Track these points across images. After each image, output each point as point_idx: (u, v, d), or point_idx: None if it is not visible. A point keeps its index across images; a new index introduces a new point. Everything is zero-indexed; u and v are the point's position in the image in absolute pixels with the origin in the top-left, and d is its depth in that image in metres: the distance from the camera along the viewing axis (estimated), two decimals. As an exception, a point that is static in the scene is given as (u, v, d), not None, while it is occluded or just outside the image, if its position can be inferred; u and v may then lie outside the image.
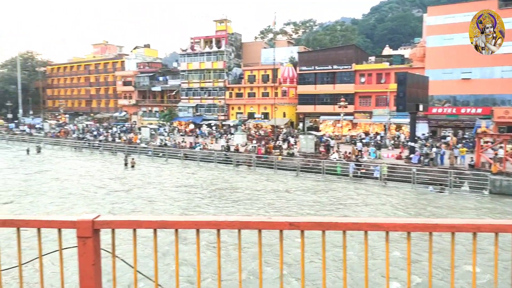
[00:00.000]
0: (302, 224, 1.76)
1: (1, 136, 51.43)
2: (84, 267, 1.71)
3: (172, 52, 79.76)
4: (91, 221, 1.71)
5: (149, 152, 34.79)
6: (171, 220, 1.77)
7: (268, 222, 1.77)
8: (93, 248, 1.74)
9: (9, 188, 22.00)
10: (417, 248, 10.18)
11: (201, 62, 53.94)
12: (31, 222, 1.72)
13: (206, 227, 1.79)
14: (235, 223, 1.77)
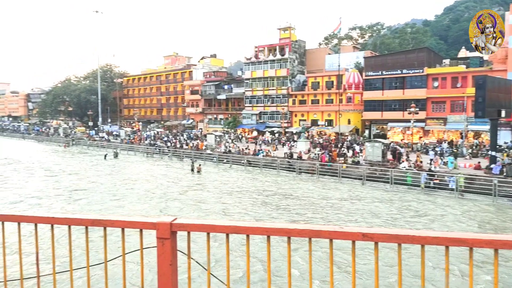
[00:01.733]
0: (377, 235, 1.68)
1: (83, 142, 56.53)
2: (162, 267, 1.80)
3: (237, 61, 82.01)
4: (169, 224, 1.80)
5: (214, 159, 35.93)
6: (243, 226, 1.80)
7: (340, 232, 1.71)
8: (171, 249, 1.82)
9: (84, 187, 24.08)
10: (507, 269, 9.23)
11: (265, 70, 54.67)
12: (116, 222, 1.85)
13: (276, 234, 1.79)
14: (306, 231, 1.74)
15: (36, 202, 20.65)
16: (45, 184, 25.87)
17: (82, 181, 27.08)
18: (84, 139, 58.25)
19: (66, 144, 54.75)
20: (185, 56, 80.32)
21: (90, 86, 76.40)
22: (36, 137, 67.10)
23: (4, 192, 23.11)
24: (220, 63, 72.93)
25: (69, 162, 38.28)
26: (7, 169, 32.75)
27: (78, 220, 1.85)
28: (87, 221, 1.85)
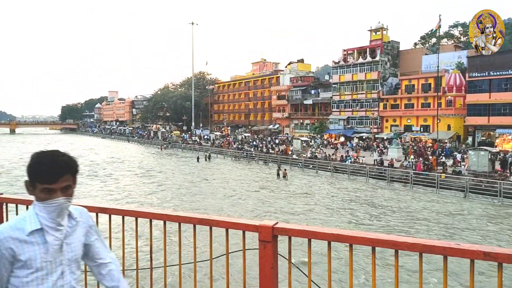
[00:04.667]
0: (501, 255, 1.48)
1: (177, 145, 60.95)
2: (263, 269, 1.82)
3: (324, 65, 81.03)
4: (271, 227, 1.81)
5: (300, 164, 35.83)
6: (346, 235, 1.72)
7: (457, 248, 1.54)
8: (272, 253, 1.83)
9: (183, 187, 25.85)
10: None
11: (354, 73, 53.00)
12: (221, 222, 1.92)
13: (382, 245, 1.68)
14: (417, 246, 1.60)
15: (142, 200, 22.82)
16: (152, 182, 28.46)
17: (182, 181, 29.20)
18: (179, 142, 62.75)
19: (163, 146, 59.63)
20: (272, 62, 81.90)
21: (185, 93, 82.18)
22: (138, 140, 74.32)
23: (109, 187, 26.02)
24: (307, 68, 72.77)
25: (167, 163, 41.60)
26: (113, 167, 36.83)
27: (188, 218, 1.97)
28: (195, 219, 1.95)
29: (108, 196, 23.31)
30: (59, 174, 1.43)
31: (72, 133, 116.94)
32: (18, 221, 1.44)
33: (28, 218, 1.44)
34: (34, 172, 1.42)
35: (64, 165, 1.45)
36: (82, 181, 29.24)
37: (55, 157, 1.45)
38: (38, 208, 1.44)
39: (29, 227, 1.41)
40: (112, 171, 34.48)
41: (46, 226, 1.43)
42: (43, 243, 1.42)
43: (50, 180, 1.41)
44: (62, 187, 1.43)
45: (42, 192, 1.42)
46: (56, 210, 1.44)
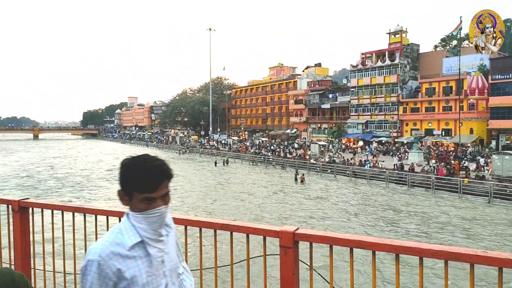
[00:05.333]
0: (533, 264, 1.43)
1: (195, 150, 61.47)
2: (285, 275, 1.81)
3: (342, 69, 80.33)
4: (292, 233, 1.79)
5: (318, 168, 35.56)
6: (369, 241, 1.69)
7: (484, 256, 1.49)
8: (293, 258, 1.82)
9: (201, 191, 26.02)
10: None
11: (373, 77, 52.41)
12: (242, 228, 1.91)
13: (406, 253, 1.64)
14: (442, 253, 1.56)
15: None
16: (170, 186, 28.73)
17: (200, 185, 29.42)
18: (197, 147, 63.31)
19: (181, 151, 60.25)
20: (289, 67, 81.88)
21: (203, 98, 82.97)
22: (157, 145, 75.35)
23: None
24: (324, 72, 72.41)
25: (185, 167, 41.98)
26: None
27: (209, 223, 1.97)
28: (216, 224, 1.95)
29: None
30: (159, 182, 1.32)
31: (93, 139, 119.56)
32: (114, 236, 1.31)
33: (125, 231, 1.32)
34: (132, 180, 1.30)
35: (163, 172, 1.33)
36: (103, 184, 29.82)
37: (152, 163, 1.32)
38: (136, 219, 1.32)
39: (129, 241, 1.30)
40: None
41: (147, 238, 1.32)
42: (145, 256, 1.32)
43: (151, 189, 1.30)
44: (162, 195, 1.33)
45: (141, 202, 1.30)
46: (158, 220, 1.33)
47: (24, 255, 2.49)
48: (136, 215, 1.32)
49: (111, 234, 1.32)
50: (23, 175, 34.89)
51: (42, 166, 42.55)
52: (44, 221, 2.48)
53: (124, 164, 1.34)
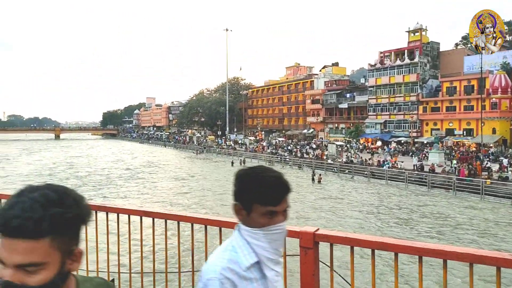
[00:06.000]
0: None
1: (212, 150, 61.85)
2: (305, 276, 1.79)
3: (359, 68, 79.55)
4: (313, 233, 1.77)
5: (335, 168, 35.25)
6: (391, 243, 1.65)
7: (511, 259, 1.45)
8: (314, 259, 1.79)
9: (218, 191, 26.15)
10: None
11: (391, 76, 51.63)
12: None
13: (429, 255, 1.60)
14: (467, 256, 1.50)
15: (180, 202, 23.32)
16: (188, 186, 29.05)
17: (217, 184, 29.60)
18: (213, 147, 63.69)
19: (198, 151, 60.73)
20: (306, 66, 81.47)
21: (219, 98, 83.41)
22: (174, 145, 76.17)
23: (146, 189, 26.79)
24: (342, 72, 71.75)
25: (202, 167, 42.31)
26: (150, 171, 37.90)
27: (229, 223, 1.96)
28: (230, 223, 1.94)
29: (145, 198, 23.99)
30: (283, 194, 1.21)
31: (112, 139, 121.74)
32: (229, 253, 1.18)
33: (239, 249, 1.19)
34: (254, 192, 1.18)
35: (285, 184, 1.23)
36: (122, 183, 30.35)
37: (273, 174, 1.23)
38: (254, 236, 1.19)
39: (246, 261, 1.17)
40: (148, 174, 35.52)
41: (265, 259, 1.18)
42: (261, 279, 1.18)
43: (275, 201, 1.18)
44: (283, 210, 1.21)
45: (263, 217, 1.18)
46: (280, 237, 1.21)
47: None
48: (254, 231, 1.19)
49: (224, 251, 1.20)
50: (46, 174, 35.84)
51: (64, 165, 43.61)
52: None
53: (243, 174, 1.24)
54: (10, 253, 0.74)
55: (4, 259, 0.74)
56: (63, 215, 0.77)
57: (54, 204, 0.77)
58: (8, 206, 0.76)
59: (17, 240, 0.74)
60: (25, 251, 0.74)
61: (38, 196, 0.77)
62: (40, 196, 0.77)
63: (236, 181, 1.25)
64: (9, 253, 0.74)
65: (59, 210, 0.77)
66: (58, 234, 0.77)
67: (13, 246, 0.74)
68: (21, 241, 0.74)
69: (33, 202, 0.76)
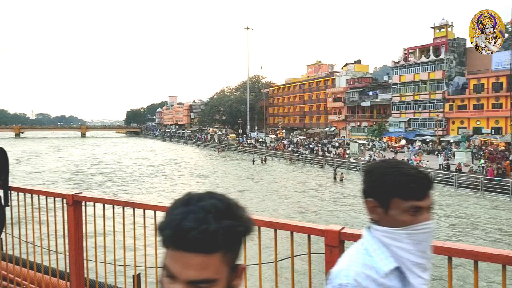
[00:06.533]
0: None
1: (233, 148, 62.16)
2: (330, 274, 1.79)
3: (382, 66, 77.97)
4: (338, 232, 1.76)
5: (357, 167, 34.79)
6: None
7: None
8: (339, 258, 1.80)
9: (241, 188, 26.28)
10: None
11: (416, 73, 50.46)
12: (286, 225, 1.89)
13: (460, 255, 1.56)
14: (499, 257, 1.47)
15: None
16: (211, 183, 29.36)
17: (240, 182, 29.76)
18: (234, 145, 63.99)
19: (219, 149, 61.16)
20: (328, 64, 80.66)
21: (240, 96, 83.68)
22: (196, 143, 76.99)
23: (168, 186, 27.21)
24: (364, 69, 70.64)
25: (224, 165, 42.60)
26: (173, 168, 38.45)
27: (255, 220, 1.99)
28: (260, 222, 1.95)
29: (165, 195, 24.37)
30: (427, 187, 1.05)
31: (135, 136, 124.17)
32: (362, 257, 1.05)
33: (374, 252, 1.05)
34: (394, 185, 1.03)
35: (428, 176, 1.07)
36: (145, 180, 30.95)
37: (410, 166, 1.09)
38: (393, 237, 1.04)
39: (384, 266, 1.03)
40: (171, 172, 36.05)
41: (410, 263, 1.02)
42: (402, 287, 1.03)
43: (420, 194, 1.03)
44: (428, 206, 1.05)
45: (405, 213, 1.03)
46: (428, 238, 1.04)
47: (77, 246, 2.62)
48: (395, 232, 1.03)
49: (357, 254, 1.07)
50: (73, 170, 36.95)
51: (90, 162, 44.83)
52: (95, 214, 2.60)
53: (377, 167, 1.11)
54: (183, 268, 0.67)
55: (176, 274, 0.67)
56: (236, 228, 0.70)
57: (224, 215, 0.70)
58: (179, 216, 0.68)
59: (192, 254, 0.66)
60: (200, 267, 0.67)
61: (208, 206, 0.69)
62: (210, 206, 0.69)
63: (368, 174, 1.12)
64: (183, 268, 0.67)
65: (232, 223, 0.69)
66: (229, 249, 0.70)
67: (187, 261, 0.67)
68: (196, 256, 0.67)
69: (206, 213, 0.68)
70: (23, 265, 2.97)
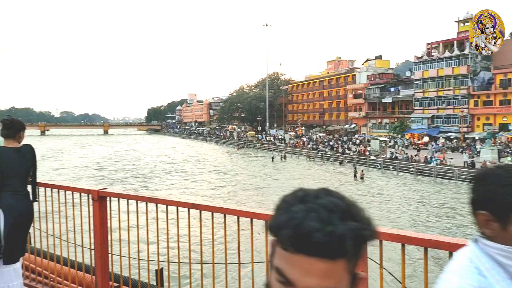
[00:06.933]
0: None
1: (252, 145, 62.25)
2: (354, 273, 1.76)
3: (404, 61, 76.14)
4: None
5: (378, 165, 34.27)
6: (446, 241, 1.58)
7: None
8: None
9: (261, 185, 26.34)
10: None
11: (439, 68, 49.20)
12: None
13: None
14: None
15: (224, 196, 23.78)
16: (230, 180, 29.55)
17: (259, 179, 29.82)
18: (254, 142, 64.07)
19: (238, 146, 61.37)
20: (348, 60, 79.54)
21: (259, 94, 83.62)
22: (215, 140, 77.53)
23: (188, 182, 27.50)
24: (385, 65, 69.34)
25: (243, 162, 42.76)
26: (193, 164, 38.84)
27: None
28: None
29: (184, 190, 24.65)
30: None
31: (156, 134, 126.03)
32: (471, 276, 0.90)
33: (488, 273, 0.90)
34: None
35: None
36: (165, 176, 31.41)
37: None
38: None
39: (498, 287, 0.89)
40: (190, 168, 36.44)
41: None
42: None
43: None
44: None
45: None
46: None
47: (103, 241, 2.68)
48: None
49: (467, 273, 0.92)
50: (97, 166, 37.86)
51: (113, 158, 45.81)
52: (119, 210, 2.64)
53: (492, 174, 0.96)
54: (304, 274, 0.58)
55: (294, 280, 0.58)
56: (362, 232, 0.60)
57: (349, 216, 0.60)
58: (299, 214, 0.58)
59: (315, 259, 0.57)
60: (323, 274, 0.57)
61: (330, 205, 0.60)
62: (332, 204, 0.60)
63: (480, 182, 0.97)
64: (303, 274, 0.58)
65: (358, 225, 0.59)
66: (353, 255, 0.59)
67: (309, 266, 0.57)
68: (320, 261, 0.57)
69: (329, 213, 0.59)
70: (50, 258, 3.06)
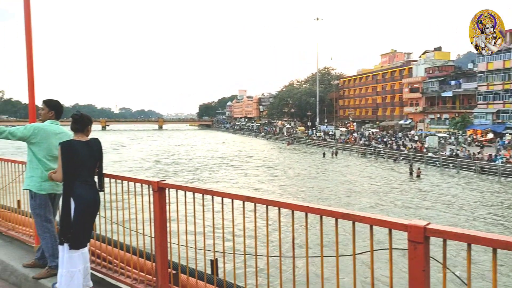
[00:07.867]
0: None
1: (302, 141, 61.74)
2: (414, 272, 1.69)
3: (466, 52, 71.06)
4: (423, 227, 1.67)
5: (437, 163, 32.48)
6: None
7: None
8: (424, 255, 1.69)
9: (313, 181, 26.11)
10: None
11: (506, 60, 45.39)
12: (365, 218, 1.85)
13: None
14: None
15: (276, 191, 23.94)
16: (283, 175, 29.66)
17: (312, 175, 29.62)
18: (303, 138, 63.54)
19: (288, 142, 61.17)
20: (403, 53, 75.89)
21: (309, 89, 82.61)
22: (265, 136, 77.91)
23: (238, 177, 27.91)
24: (445, 57, 65.31)
25: (294, 158, 42.60)
26: (243, 160, 39.35)
27: (330, 211, 1.95)
28: (337, 213, 1.93)
29: (232, 184, 25.07)
30: None
31: (207, 129, 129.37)
32: None
33: None
34: None
35: None
36: (216, 169, 32.23)
37: None
38: None
39: None
40: (240, 163, 37.01)
41: None
42: None
43: None
44: None
45: None
46: None
47: (162, 230, 2.82)
48: None
49: None
50: (153, 159, 39.75)
51: (167, 152, 47.84)
52: (177, 201, 2.77)
53: None
54: None
55: None
56: None
57: None
58: None
59: None
60: None
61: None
62: None
63: None
64: None
65: None
66: None
67: None
68: None
69: None
70: (114, 245, 3.27)
